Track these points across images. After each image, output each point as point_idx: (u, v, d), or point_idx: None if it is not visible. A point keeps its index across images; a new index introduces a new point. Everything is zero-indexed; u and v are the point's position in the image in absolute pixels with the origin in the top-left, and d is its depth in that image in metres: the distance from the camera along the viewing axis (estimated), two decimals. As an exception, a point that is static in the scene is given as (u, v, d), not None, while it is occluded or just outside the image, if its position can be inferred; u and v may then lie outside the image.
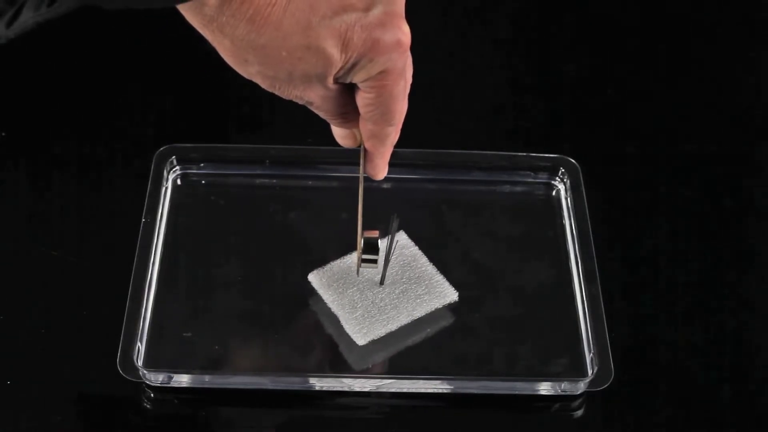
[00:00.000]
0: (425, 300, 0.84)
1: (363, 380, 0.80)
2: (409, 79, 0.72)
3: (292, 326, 0.83)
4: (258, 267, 0.87)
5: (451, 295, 0.84)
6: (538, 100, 1.04)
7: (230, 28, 0.64)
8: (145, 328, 0.82)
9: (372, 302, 0.83)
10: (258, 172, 0.93)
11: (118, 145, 0.96)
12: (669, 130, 1.00)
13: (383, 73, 0.68)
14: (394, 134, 0.75)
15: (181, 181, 0.92)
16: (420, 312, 0.83)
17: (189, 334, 0.82)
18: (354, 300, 0.83)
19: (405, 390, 0.80)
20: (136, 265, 0.84)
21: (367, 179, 0.78)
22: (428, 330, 0.83)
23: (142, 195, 0.89)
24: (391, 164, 0.92)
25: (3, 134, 0.96)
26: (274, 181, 0.93)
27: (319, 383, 0.80)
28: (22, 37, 0.59)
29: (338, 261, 0.85)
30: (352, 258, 0.85)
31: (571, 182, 0.92)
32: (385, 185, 0.93)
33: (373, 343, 0.82)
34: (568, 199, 0.92)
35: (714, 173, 0.97)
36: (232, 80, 1.01)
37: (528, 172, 0.94)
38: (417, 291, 0.84)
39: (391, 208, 0.90)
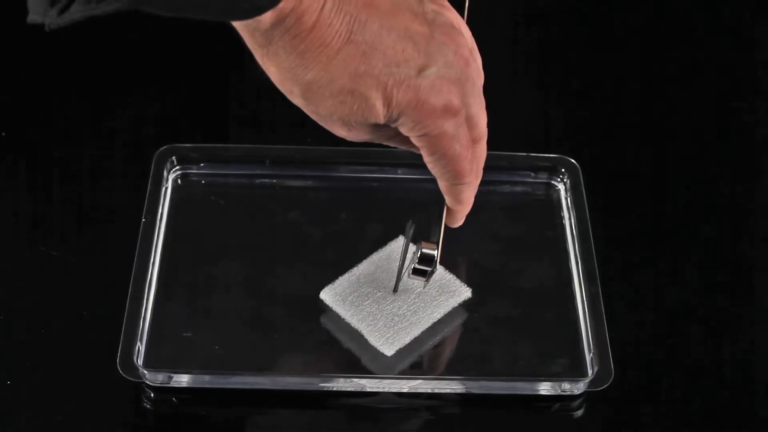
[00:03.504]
0: (441, 301, 0.84)
1: (361, 380, 0.80)
2: (479, 135, 0.71)
3: (292, 327, 0.83)
4: (258, 267, 0.86)
5: (465, 292, 0.84)
6: (539, 100, 1.04)
7: (278, 59, 0.63)
8: (145, 328, 0.82)
9: (391, 311, 0.83)
10: (258, 172, 0.93)
11: (119, 145, 0.96)
12: (669, 129, 1.00)
13: (427, 137, 0.67)
14: (467, 191, 0.73)
15: (181, 181, 0.92)
16: (439, 314, 0.83)
17: (189, 334, 0.82)
18: (372, 312, 0.83)
19: (404, 390, 0.80)
20: (136, 265, 0.84)
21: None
22: (441, 330, 0.84)
23: (142, 195, 0.89)
24: (392, 164, 0.93)
25: (3, 134, 0.96)
26: (274, 181, 0.93)
27: (318, 383, 0.80)
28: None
29: (346, 275, 0.85)
30: (360, 270, 0.85)
31: (571, 182, 0.92)
32: (385, 185, 0.93)
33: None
34: (568, 199, 0.92)
35: (715, 173, 0.97)
36: (232, 80, 1.02)
37: (528, 172, 0.94)
38: (431, 293, 0.84)
39: (391, 208, 0.91)
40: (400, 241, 0.87)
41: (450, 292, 0.84)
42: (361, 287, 0.84)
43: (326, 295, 0.84)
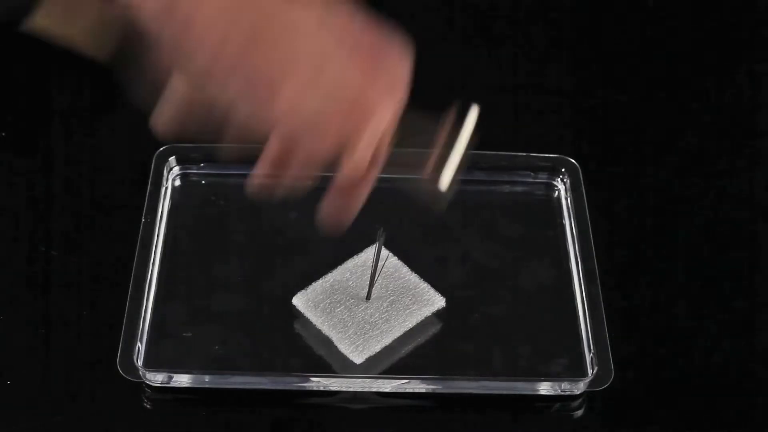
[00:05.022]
0: (414, 310, 0.83)
1: (363, 381, 0.80)
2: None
3: (292, 327, 0.83)
4: (258, 267, 0.87)
5: (439, 301, 0.84)
6: (539, 100, 1.04)
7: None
8: (145, 328, 0.82)
9: (362, 319, 0.83)
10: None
11: (119, 144, 0.96)
12: (669, 129, 1.00)
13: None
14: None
15: (181, 181, 0.92)
16: (411, 323, 0.83)
17: (189, 334, 0.82)
18: (344, 319, 0.83)
19: (406, 390, 0.80)
20: (136, 265, 0.84)
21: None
22: (429, 331, 0.83)
23: (142, 195, 0.89)
24: (391, 164, 0.93)
25: (3, 134, 0.96)
26: (275, 181, 0.93)
27: (319, 383, 0.80)
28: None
29: (320, 281, 0.85)
30: (333, 276, 0.85)
31: (571, 182, 0.92)
32: (385, 185, 0.93)
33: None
34: (568, 199, 0.92)
35: (715, 173, 0.97)
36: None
37: (528, 172, 0.94)
38: (404, 302, 0.84)
39: (390, 208, 0.90)
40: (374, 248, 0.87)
41: (423, 300, 0.84)
42: (334, 294, 0.84)
43: (299, 300, 0.84)
